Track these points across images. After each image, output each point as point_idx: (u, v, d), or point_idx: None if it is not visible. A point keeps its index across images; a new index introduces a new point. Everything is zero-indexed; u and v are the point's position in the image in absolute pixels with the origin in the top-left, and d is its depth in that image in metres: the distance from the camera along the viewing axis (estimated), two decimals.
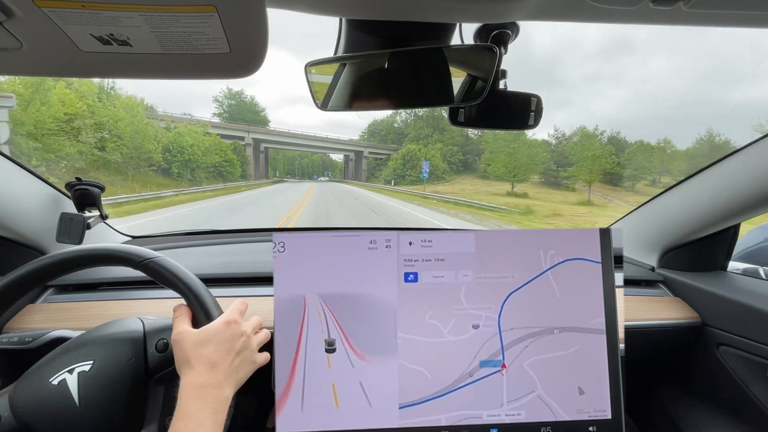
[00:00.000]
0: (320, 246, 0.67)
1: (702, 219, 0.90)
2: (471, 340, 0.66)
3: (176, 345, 0.52)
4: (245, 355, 0.55)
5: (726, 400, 0.87)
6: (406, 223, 11.21)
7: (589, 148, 30.94)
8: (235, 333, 0.55)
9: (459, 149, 48.98)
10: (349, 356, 0.65)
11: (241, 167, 41.21)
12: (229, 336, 0.54)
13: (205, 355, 0.51)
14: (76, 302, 0.83)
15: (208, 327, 0.54)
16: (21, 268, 0.55)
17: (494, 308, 0.67)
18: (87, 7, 0.32)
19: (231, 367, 0.53)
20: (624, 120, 76.04)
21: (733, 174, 0.82)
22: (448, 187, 35.39)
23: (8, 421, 0.51)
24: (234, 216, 11.49)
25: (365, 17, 0.43)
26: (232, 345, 0.54)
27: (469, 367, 0.66)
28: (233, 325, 0.55)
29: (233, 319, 0.56)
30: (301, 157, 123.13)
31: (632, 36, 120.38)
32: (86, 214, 0.88)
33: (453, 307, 0.67)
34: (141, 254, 0.58)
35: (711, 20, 0.42)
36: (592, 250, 0.69)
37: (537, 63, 79.11)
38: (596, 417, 0.68)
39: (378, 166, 59.74)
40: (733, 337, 0.83)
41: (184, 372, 0.51)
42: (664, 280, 1.02)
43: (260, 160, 55.66)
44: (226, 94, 67.80)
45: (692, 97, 71.61)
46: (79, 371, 0.54)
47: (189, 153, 29.69)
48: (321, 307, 0.66)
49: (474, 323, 0.67)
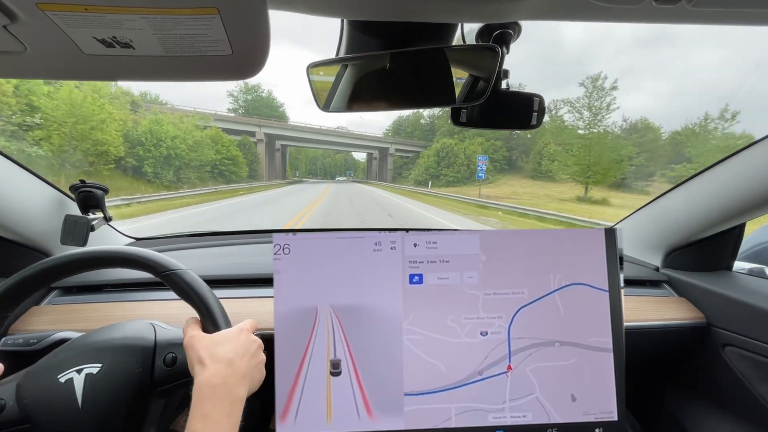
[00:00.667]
0: (325, 249, 0.67)
1: (707, 218, 0.89)
2: (481, 344, 0.68)
3: (189, 348, 0.52)
4: (259, 362, 0.55)
5: (732, 401, 0.86)
6: None
7: (714, 139, 22.91)
8: (249, 339, 0.55)
9: (503, 144, 39.63)
10: (351, 382, 0.65)
11: (250, 166, 35.83)
12: (243, 340, 0.54)
13: (221, 353, 0.51)
14: (80, 304, 0.83)
15: (222, 331, 0.54)
16: (50, 259, 0.56)
17: (506, 318, 0.69)
18: (90, 10, 0.32)
19: (248, 367, 0.52)
20: (663, 114, 71.37)
21: (738, 173, 0.81)
22: (494, 189, 29.42)
23: (12, 410, 0.51)
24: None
25: (367, 18, 0.43)
26: (248, 348, 0.54)
27: (479, 366, 0.67)
28: (247, 333, 0.56)
29: (246, 328, 0.56)
30: (323, 157, 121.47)
31: (670, 27, 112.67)
32: (90, 216, 0.88)
33: (463, 315, 0.68)
34: (166, 265, 0.58)
35: (715, 18, 0.41)
36: (598, 274, 0.71)
37: (566, 57, 73.46)
38: (603, 419, 0.68)
39: (405, 165, 53.12)
40: (739, 337, 0.82)
41: (198, 371, 0.50)
42: (668, 280, 1.01)
43: (276, 159, 50.75)
44: (242, 89, 61.96)
45: (740, 90, 66.72)
46: (87, 373, 0.54)
47: (169, 147, 20.95)
48: (330, 318, 0.66)
49: (483, 330, 0.68)
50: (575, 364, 0.69)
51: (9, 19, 0.33)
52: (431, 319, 0.67)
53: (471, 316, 0.68)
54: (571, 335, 0.69)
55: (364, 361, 0.66)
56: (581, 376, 0.68)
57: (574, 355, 0.69)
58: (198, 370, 0.50)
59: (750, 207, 0.81)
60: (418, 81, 0.60)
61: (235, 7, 0.33)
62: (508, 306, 0.69)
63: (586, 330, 0.69)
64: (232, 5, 0.33)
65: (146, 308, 0.82)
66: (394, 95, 0.61)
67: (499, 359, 0.68)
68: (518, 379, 0.67)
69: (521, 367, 0.68)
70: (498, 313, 0.68)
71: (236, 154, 30.20)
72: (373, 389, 0.65)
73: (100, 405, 0.53)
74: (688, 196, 0.94)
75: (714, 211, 0.87)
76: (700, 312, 0.91)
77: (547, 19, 0.45)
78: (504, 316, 0.68)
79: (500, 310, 0.68)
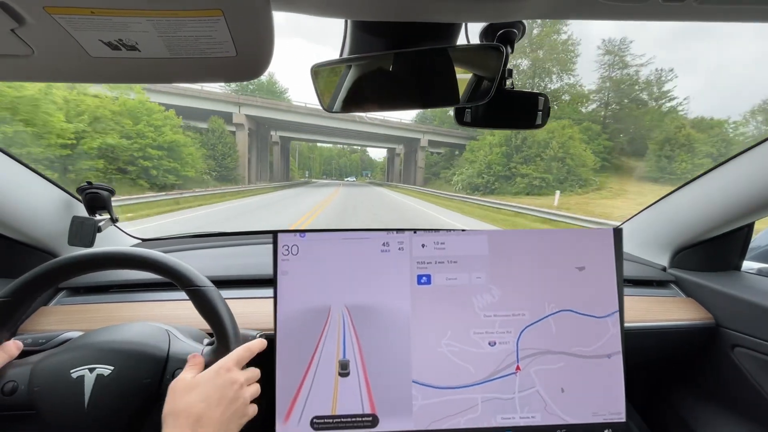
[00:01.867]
0: (333, 250, 0.67)
1: (715, 218, 0.88)
2: (491, 353, 0.68)
3: (170, 392, 0.50)
4: (237, 407, 0.52)
5: (741, 403, 0.85)
6: None
7: None
8: (227, 381, 0.52)
9: (601, 129, 25.66)
10: (359, 383, 0.65)
11: (223, 163, 23.60)
12: (220, 383, 0.51)
13: (191, 405, 0.48)
14: (87, 304, 0.84)
15: (202, 374, 0.52)
16: (89, 252, 0.57)
17: (514, 332, 0.68)
18: (96, 13, 0.32)
19: (221, 421, 0.49)
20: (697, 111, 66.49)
21: (746, 172, 0.80)
22: (609, 199, 17.73)
23: (22, 394, 0.52)
24: None
25: (371, 18, 0.43)
26: (224, 393, 0.51)
27: (488, 370, 0.67)
28: (226, 374, 0.53)
29: (227, 366, 0.53)
30: (339, 157, 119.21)
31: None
32: (97, 217, 0.89)
33: (472, 330, 0.68)
34: (194, 280, 0.59)
35: (723, 15, 0.41)
36: (606, 273, 0.70)
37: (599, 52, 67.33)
38: (611, 420, 0.68)
39: (438, 162, 37.84)
40: (749, 338, 0.81)
41: (167, 425, 0.46)
42: (676, 281, 1.00)
43: (276, 155, 39.00)
44: None
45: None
46: (98, 373, 0.55)
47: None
48: (343, 318, 0.66)
49: (491, 341, 0.68)
50: (582, 368, 0.68)
51: (17, 23, 0.33)
52: (439, 319, 0.67)
53: (480, 330, 0.68)
54: (576, 348, 0.69)
55: (372, 361, 0.66)
56: (589, 379, 0.68)
57: (580, 360, 0.68)
58: (168, 424, 0.47)
59: (759, 206, 0.80)
60: (422, 81, 0.60)
61: (239, 8, 0.33)
62: (514, 325, 0.69)
63: (594, 342, 0.69)
64: (237, 7, 0.33)
65: (153, 309, 0.82)
66: (399, 95, 0.61)
67: (508, 364, 0.68)
68: (525, 380, 0.67)
69: (528, 369, 0.68)
70: (507, 328, 0.68)
71: (182, 141, 16.77)
72: (380, 390, 0.65)
73: (104, 409, 0.53)
74: (696, 195, 0.93)
75: (722, 210, 0.86)
76: (709, 312, 0.90)
77: (552, 18, 0.45)
78: (513, 331, 0.68)
79: (509, 326, 0.68)
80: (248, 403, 0.55)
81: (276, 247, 0.67)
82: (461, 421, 0.66)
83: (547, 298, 0.69)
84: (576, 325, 0.68)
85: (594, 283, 0.69)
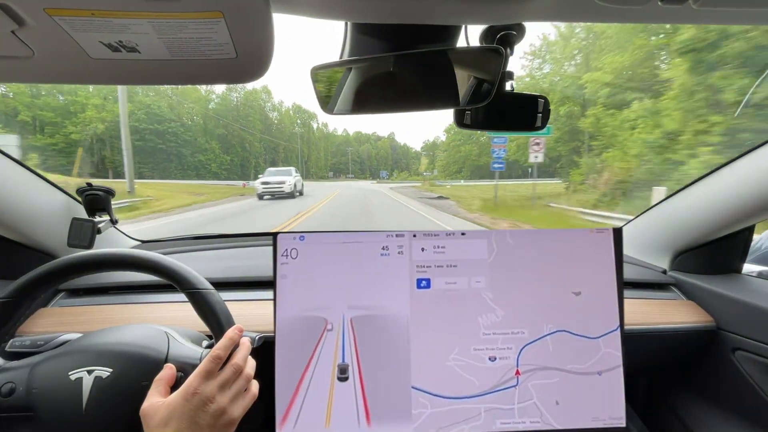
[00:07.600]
0: (332, 253, 0.67)
1: (715, 220, 0.88)
2: (492, 368, 0.68)
3: (142, 418, 0.48)
4: (216, 424, 0.49)
5: (742, 406, 0.85)
6: None
7: None
8: (196, 405, 0.48)
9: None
10: (355, 387, 0.65)
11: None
12: (190, 410, 0.47)
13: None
14: (86, 306, 0.84)
15: (170, 400, 0.49)
16: (92, 253, 0.58)
17: (515, 349, 0.68)
18: (96, 14, 0.32)
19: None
20: None
21: (747, 174, 0.80)
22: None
23: (20, 396, 0.52)
24: None
25: (370, 21, 0.43)
26: (196, 419, 0.47)
27: (488, 381, 0.67)
28: (193, 397, 0.48)
29: (192, 390, 0.48)
30: (357, 143, 77.34)
31: None
32: (97, 218, 0.89)
33: (472, 346, 0.67)
34: (194, 282, 0.59)
35: (722, 18, 0.41)
36: (606, 274, 0.70)
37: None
38: (611, 425, 0.68)
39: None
40: (750, 341, 0.81)
41: None
42: (676, 283, 1.00)
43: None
44: None
45: None
46: (97, 374, 0.54)
47: None
48: (343, 322, 0.66)
49: (492, 356, 0.68)
50: (578, 383, 0.68)
51: (17, 24, 0.33)
52: (439, 324, 0.67)
53: (481, 347, 0.68)
54: (571, 366, 0.69)
55: (369, 365, 0.65)
56: (584, 392, 0.68)
57: (575, 376, 0.69)
58: None
59: (760, 209, 0.80)
60: (422, 83, 0.60)
61: (239, 10, 0.33)
62: (514, 343, 0.68)
63: (584, 360, 0.70)
64: (237, 9, 0.33)
65: (152, 311, 0.82)
66: (398, 97, 0.61)
67: (509, 378, 0.68)
68: (524, 393, 0.67)
69: (526, 383, 0.68)
70: (508, 345, 0.68)
71: None
72: (377, 394, 0.65)
73: (102, 411, 0.53)
74: (697, 198, 0.93)
75: (722, 213, 0.86)
76: (709, 315, 0.90)
77: (552, 20, 0.45)
78: (513, 347, 0.68)
79: (510, 343, 0.68)
80: (233, 408, 0.51)
81: (275, 250, 0.67)
82: (466, 428, 0.66)
83: (546, 318, 0.69)
84: (571, 345, 0.69)
85: (591, 301, 0.70)
